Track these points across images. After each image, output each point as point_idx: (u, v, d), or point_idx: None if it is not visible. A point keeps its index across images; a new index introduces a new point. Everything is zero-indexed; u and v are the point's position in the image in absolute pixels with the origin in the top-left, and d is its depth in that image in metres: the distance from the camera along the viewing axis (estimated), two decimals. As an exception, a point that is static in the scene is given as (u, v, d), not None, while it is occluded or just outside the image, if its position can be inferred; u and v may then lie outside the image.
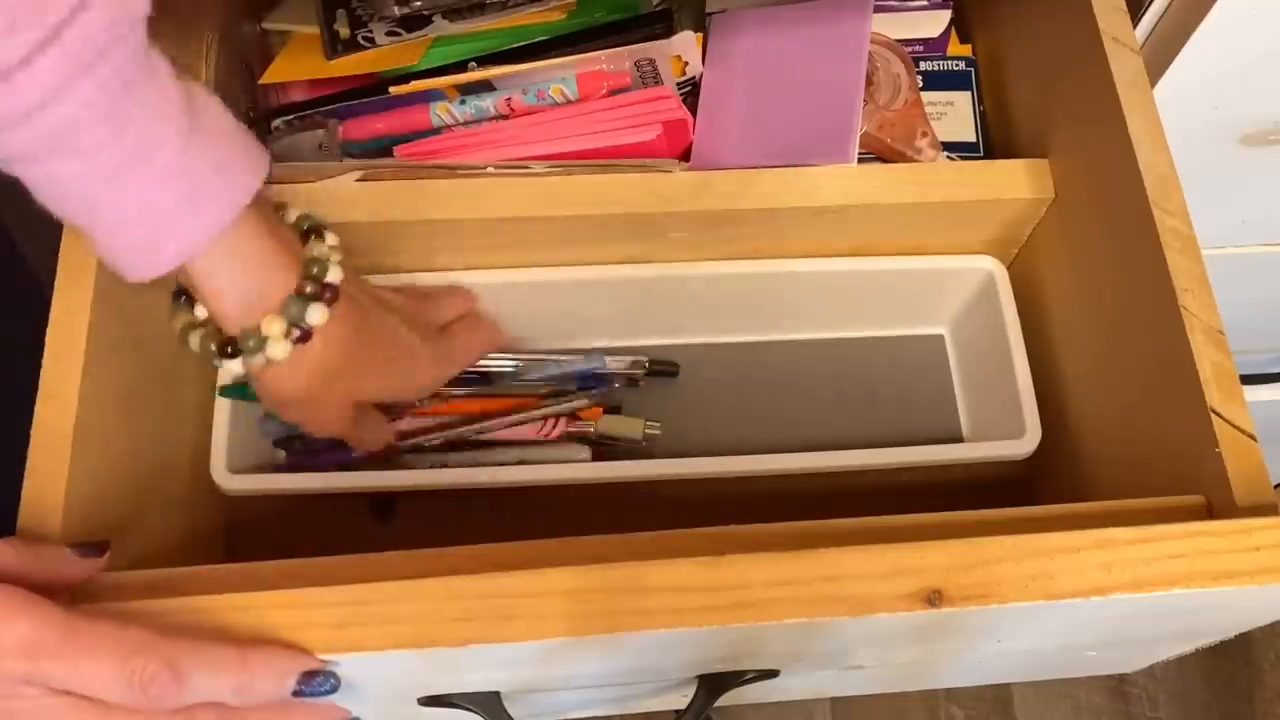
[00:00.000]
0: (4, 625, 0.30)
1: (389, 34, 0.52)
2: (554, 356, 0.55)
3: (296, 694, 0.33)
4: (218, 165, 0.34)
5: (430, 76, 0.52)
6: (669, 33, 0.52)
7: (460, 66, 0.52)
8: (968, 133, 0.57)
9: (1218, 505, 0.39)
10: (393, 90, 0.52)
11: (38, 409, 0.38)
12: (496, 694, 0.43)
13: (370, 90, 0.53)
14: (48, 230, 0.40)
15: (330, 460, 0.52)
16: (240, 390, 0.53)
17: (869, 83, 0.54)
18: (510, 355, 0.55)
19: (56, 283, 0.40)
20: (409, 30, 0.52)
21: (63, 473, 0.37)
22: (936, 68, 0.58)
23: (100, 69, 0.30)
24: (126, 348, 0.43)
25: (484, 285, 0.52)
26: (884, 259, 0.54)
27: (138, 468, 0.44)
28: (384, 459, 0.52)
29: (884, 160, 0.54)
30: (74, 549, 0.35)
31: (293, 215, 0.41)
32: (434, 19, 0.52)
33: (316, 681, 0.33)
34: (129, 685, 0.30)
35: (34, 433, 0.38)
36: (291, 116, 0.54)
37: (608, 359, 0.55)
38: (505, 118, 0.52)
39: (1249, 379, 0.75)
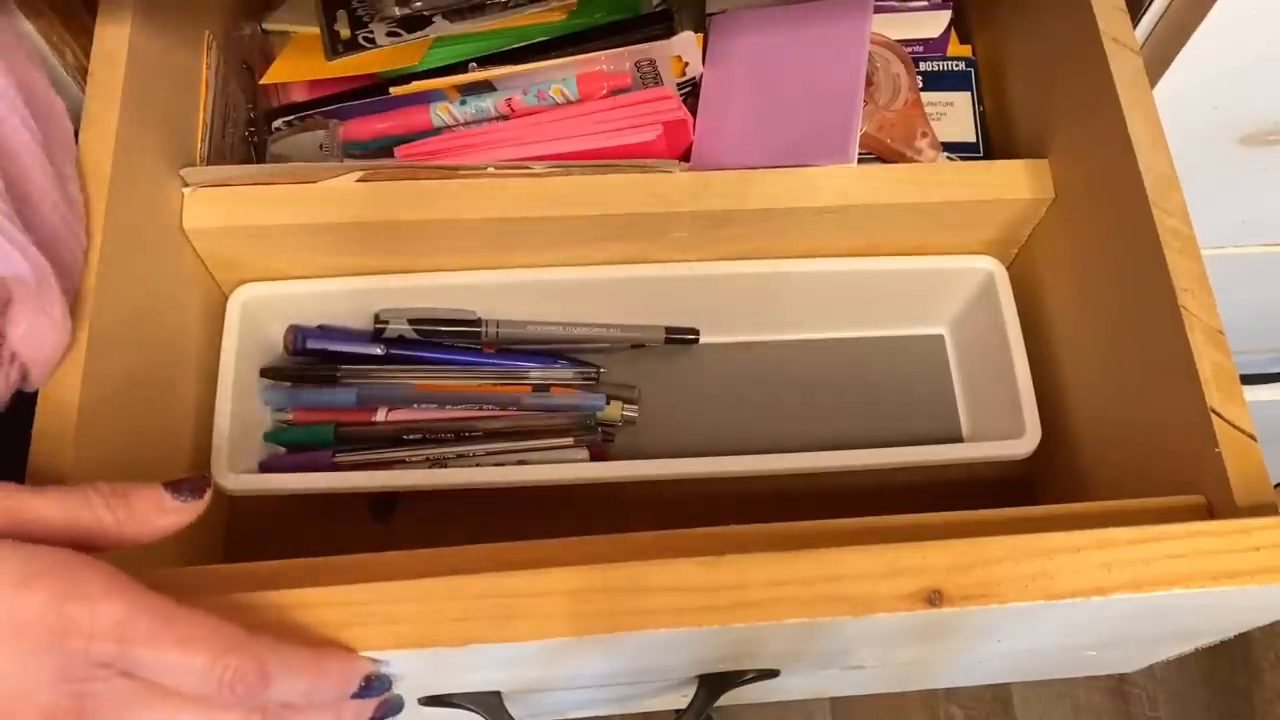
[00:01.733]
0: (98, 605, 0.28)
1: (389, 34, 0.52)
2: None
3: (354, 696, 0.32)
4: None
5: (430, 77, 0.52)
6: (669, 33, 0.52)
7: (460, 67, 0.52)
8: (968, 133, 0.57)
9: (1218, 505, 0.39)
10: (393, 90, 0.52)
11: (38, 409, 0.38)
12: (497, 694, 0.43)
13: (370, 90, 0.53)
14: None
15: (314, 462, 0.52)
16: (283, 435, 0.53)
17: (869, 83, 0.54)
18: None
19: (57, 282, 0.40)
20: (409, 31, 0.52)
21: (64, 473, 0.37)
22: (936, 68, 0.58)
23: None
24: (127, 347, 0.43)
25: (484, 285, 0.52)
26: (884, 259, 0.54)
27: (138, 467, 0.44)
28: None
29: (884, 160, 0.54)
30: (170, 491, 0.32)
31: None
32: (434, 20, 0.52)
33: (375, 685, 0.33)
34: (218, 682, 0.29)
35: (35, 433, 0.38)
36: (292, 116, 0.54)
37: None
38: (505, 118, 0.52)
39: (1249, 379, 0.75)
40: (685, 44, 0.52)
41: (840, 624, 0.34)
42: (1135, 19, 0.47)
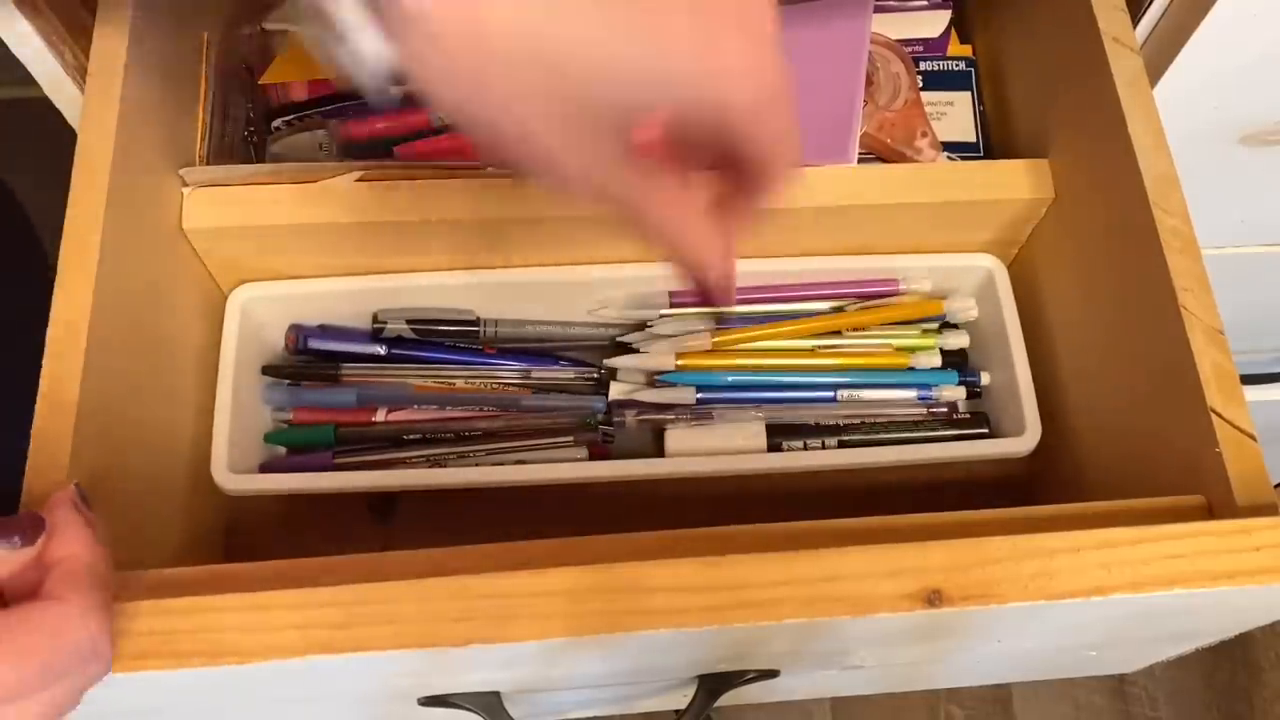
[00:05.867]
0: None
1: (389, 34, 0.52)
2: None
3: None
4: None
5: (430, 76, 0.52)
6: (669, 33, 0.52)
7: (460, 66, 0.52)
8: (968, 133, 0.57)
9: (1218, 505, 0.39)
10: (393, 90, 0.52)
11: (37, 408, 0.38)
12: (496, 694, 0.43)
13: (370, 90, 0.53)
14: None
15: (314, 462, 0.52)
16: (283, 436, 0.53)
17: (869, 83, 0.54)
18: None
19: (56, 281, 0.40)
20: (409, 30, 0.52)
21: (63, 472, 0.37)
22: (936, 68, 0.58)
23: None
24: (126, 348, 0.43)
25: (484, 285, 0.52)
26: (884, 259, 0.54)
27: (138, 467, 0.44)
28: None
29: (884, 160, 0.54)
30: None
31: None
32: (434, 19, 0.52)
33: None
34: None
35: (34, 432, 0.38)
36: (291, 116, 0.54)
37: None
38: (505, 118, 0.52)
39: (1249, 379, 0.75)
40: (685, 44, 0.52)
41: (840, 624, 0.34)
42: (1135, 19, 0.47)
